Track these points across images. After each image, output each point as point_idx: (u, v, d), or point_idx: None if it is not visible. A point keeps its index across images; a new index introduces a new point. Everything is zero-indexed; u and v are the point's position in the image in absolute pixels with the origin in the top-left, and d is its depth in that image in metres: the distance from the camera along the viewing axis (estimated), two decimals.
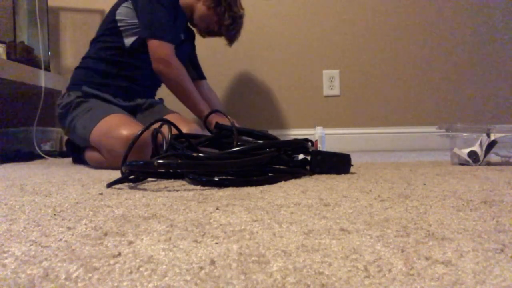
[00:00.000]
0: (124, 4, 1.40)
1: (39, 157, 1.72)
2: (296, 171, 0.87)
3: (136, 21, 1.38)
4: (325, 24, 2.12)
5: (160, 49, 1.34)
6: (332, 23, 2.12)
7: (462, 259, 0.31)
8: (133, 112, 1.43)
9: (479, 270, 0.29)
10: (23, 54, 1.77)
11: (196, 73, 1.72)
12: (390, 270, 0.29)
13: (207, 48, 2.14)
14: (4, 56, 1.69)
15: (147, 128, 0.89)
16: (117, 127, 1.19)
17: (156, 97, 1.62)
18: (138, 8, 1.37)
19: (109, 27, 1.41)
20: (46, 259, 0.33)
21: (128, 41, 1.40)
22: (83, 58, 1.47)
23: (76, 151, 1.43)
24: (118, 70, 1.41)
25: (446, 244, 0.35)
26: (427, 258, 0.31)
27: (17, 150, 1.70)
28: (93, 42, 1.47)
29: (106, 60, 1.41)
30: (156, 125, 0.93)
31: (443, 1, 2.09)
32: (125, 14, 1.40)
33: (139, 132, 0.88)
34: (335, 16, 2.12)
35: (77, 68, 1.46)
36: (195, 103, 1.38)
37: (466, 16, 2.08)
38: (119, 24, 1.39)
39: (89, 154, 1.31)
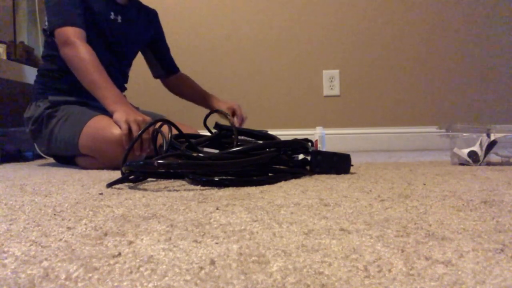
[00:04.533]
0: (46, 12, 1.33)
1: (39, 157, 1.72)
2: (296, 171, 0.87)
3: None
4: (325, 24, 2.12)
5: (61, 35, 1.22)
6: (332, 23, 2.12)
7: (462, 259, 0.31)
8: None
9: (479, 270, 0.29)
10: (23, 54, 1.77)
11: (162, 67, 1.58)
12: (390, 270, 0.29)
13: (207, 47, 2.14)
14: (4, 56, 1.69)
15: (148, 127, 0.89)
16: (105, 128, 1.14)
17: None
18: (46, 7, 1.30)
19: (46, 39, 1.37)
20: (46, 259, 0.33)
21: None
22: (39, 71, 1.41)
23: (65, 161, 1.37)
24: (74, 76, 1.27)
25: (446, 244, 0.35)
26: (427, 258, 0.31)
27: (17, 150, 1.70)
28: (43, 58, 1.41)
29: (60, 71, 1.33)
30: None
31: (443, 1, 2.09)
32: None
33: (140, 131, 0.88)
34: (335, 16, 2.12)
35: (36, 81, 1.39)
36: (101, 94, 1.17)
37: (466, 16, 2.08)
38: (48, 32, 1.32)
39: (81, 161, 1.26)
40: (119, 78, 1.48)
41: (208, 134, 1.01)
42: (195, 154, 0.77)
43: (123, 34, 1.41)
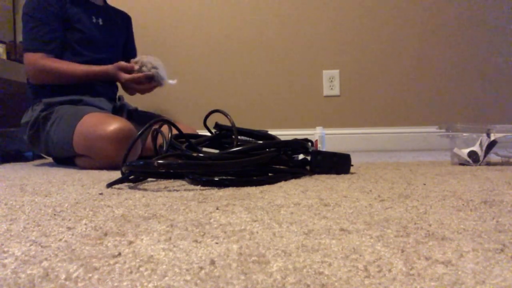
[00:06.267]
0: None
1: (39, 157, 1.72)
2: (296, 171, 0.87)
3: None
4: (325, 24, 2.12)
5: (27, 62, 1.34)
6: (332, 23, 2.12)
7: (462, 259, 0.31)
8: (119, 115, 1.37)
9: (479, 270, 0.29)
10: (23, 54, 1.77)
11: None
12: (390, 270, 0.29)
13: (207, 47, 2.14)
14: (4, 56, 1.69)
15: (147, 127, 0.89)
16: (97, 125, 1.14)
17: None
18: None
19: None
20: (46, 259, 0.33)
21: None
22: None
23: (65, 162, 1.38)
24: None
25: (446, 244, 0.35)
26: (427, 258, 0.31)
27: (17, 150, 1.70)
28: None
29: None
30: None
31: (443, 1, 2.09)
32: None
33: (140, 132, 0.88)
34: (335, 16, 2.12)
35: (28, 87, 1.42)
36: (85, 73, 1.32)
37: (466, 16, 2.08)
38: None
39: (80, 161, 1.26)
40: (112, 81, 1.49)
41: (208, 134, 1.01)
42: (195, 154, 0.77)
43: (107, 35, 1.46)
